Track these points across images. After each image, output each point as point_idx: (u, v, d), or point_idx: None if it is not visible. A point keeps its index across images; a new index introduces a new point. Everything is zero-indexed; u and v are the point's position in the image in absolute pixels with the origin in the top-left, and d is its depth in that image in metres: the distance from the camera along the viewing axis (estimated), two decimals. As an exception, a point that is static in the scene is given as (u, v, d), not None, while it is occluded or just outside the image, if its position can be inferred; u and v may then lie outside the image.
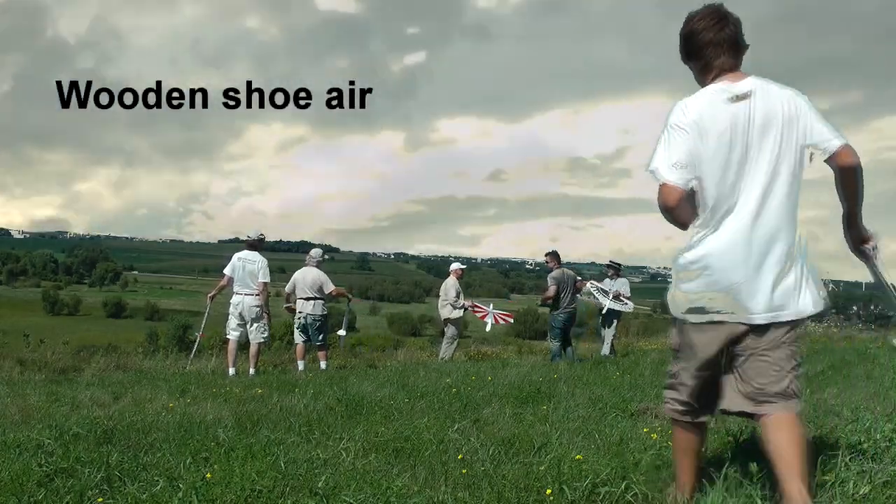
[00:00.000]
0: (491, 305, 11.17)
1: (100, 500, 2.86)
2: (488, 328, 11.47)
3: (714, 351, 2.33)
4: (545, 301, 9.53)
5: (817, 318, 8.16)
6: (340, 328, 10.07)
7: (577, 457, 3.13)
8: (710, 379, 2.40)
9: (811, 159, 2.29)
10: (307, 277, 8.73)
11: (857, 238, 2.43)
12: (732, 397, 2.38)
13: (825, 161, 2.28)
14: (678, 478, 2.55)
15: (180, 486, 2.95)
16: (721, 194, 2.27)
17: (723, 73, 2.34)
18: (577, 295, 9.80)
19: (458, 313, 10.50)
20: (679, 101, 2.36)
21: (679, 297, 2.38)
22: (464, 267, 11.12)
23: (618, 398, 4.81)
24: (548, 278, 9.67)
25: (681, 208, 2.31)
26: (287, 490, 2.91)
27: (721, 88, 2.31)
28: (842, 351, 9.07)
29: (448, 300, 10.50)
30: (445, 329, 10.60)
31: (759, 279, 2.24)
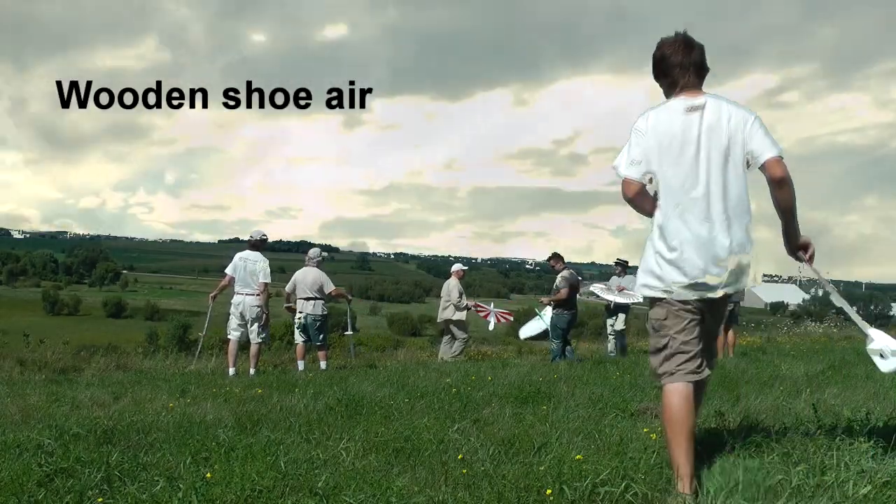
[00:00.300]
0: (492, 304, 11.19)
1: (100, 500, 2.86)
2: (491, 327, 11.47)
3: (695, 323, 2.76)
4: (556, 302, 9.51)
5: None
6: (347, 329, 10.07)
7: (577, 457, 3.13)
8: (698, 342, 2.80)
9: (748, 166, 2.68)
10: (307, 277, 8.73)
11: (794, 246, 2.80)
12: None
13: (759, 169, 2.66)
14: (679, 468, 2.66)
15: (180, 486, 2.95)
16: (678, 188, 2.69)
17: (685, 90, 2.75)
18: (577, 295, 9.84)
19: (462, 314, 10.52)
20: (647, 110, 2.80)
21: (651, 276, 2.81)
22: (465, 268, 11.16)
23: (618, 398, 4.81)
24: (559, 279, 9.62)
25: (640, 199, 2.77)
26: (287, 490, 2.91)
27: (681, 101, 2.73)
28: (842, 351, 9.07)
29: (451, 301, 10.52)
30: (451, 330, 10.62)
31: (717, 258, 2.67)
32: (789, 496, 2.71)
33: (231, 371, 8.00)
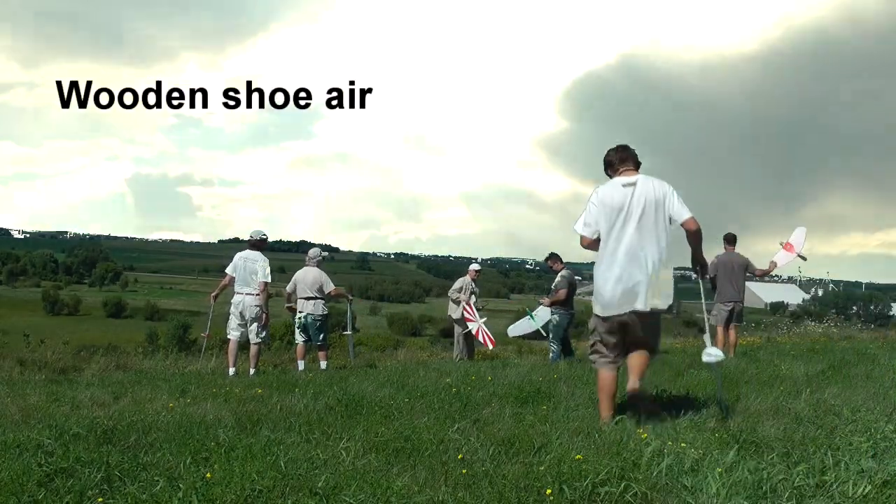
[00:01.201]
0: (483, 320, 10.58)
1: (100, 500, 2.86)
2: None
3: (616, 333, 4.03)
4: (555, 303, 9.40)
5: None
6: (346, 329, 10.04)
7: (577, 457, 3.14)
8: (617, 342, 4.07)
9: (671, 222, 3.92)
10: (307, 277, 8.73)
11: (699, 264, 4.17)
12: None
13: (680, 225, 3.92)
14: (602, 413, 4.07)
15: (180, 486, 2.95)
16: (613, 242, 3.92)
17: (623, 172, 4.04)
18: (575, 295, 9.79)
19: (459, 310, 10.53)
20: (598, 186, 4.05)
21: (595, 301, 4.09)
22: (479, 269, 11.18)
23: (618, 398, 4.81)
24: (558, 279, 9.46)
25: (590, 247, 4.06)
26: (287, 490, 2.91)
27: (620, 179, 4.01)
28: (842, 351, 9.07)
29: (450, 296, 10.56)
30: (457, 329, 10.62)
31: (638, 289, 3.88)
32: (789, 496, 2.71)
33: (231, 371, 8.00)
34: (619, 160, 4.04)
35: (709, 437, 3.56)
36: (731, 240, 8.83)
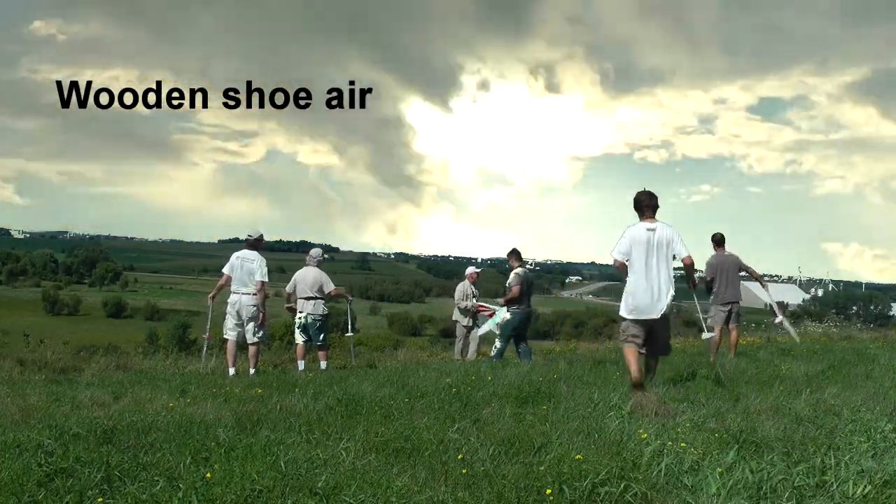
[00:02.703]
0: (504, 310, 10.49)
1: (100, 500, 2.86)
2: (493, 323, 10.77)
3: (641, 329, 5.44)
4: (508, 302, 9.10)
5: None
6: (348, 330, 10.01)
7: (577, 457, 3.14)
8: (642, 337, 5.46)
9: (674, 258, 5.44)
10: (308, 277, 8.72)
11: (689, 281, 6.10)
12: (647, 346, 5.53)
13: (681, 260, 5.46)
14: (632, 369, 5.28)
15: (180, 486, 2.95)
16: (639, 267, 5.40)
17: (647, 218, 5.50)
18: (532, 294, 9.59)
19: (467, 318, 10.54)
20: (630, 226, 5.51)
21: (623, 307, 5.54)
22: (478, 271, 11.14)
23: (618, 398, 4.81)
24: (512, 276, 9.22)
25: (622, 270, 5.55)
26: (287, 490, 2.91)
27: (645, 224, 5.47)
28: (842, 351, 9.07)
29: (456, 304, 10.57)
30: (459, 329, 10.63)
31: (655, 301, 5.36)
32: (789, 496, 2.71)
33: (231, 371, 7.98)
34: (647, 206, 5.51)
35: (709, 437, 3.56)
36: (719, 241, 8.86)
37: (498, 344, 9.26)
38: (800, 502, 2.68)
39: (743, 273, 9.00)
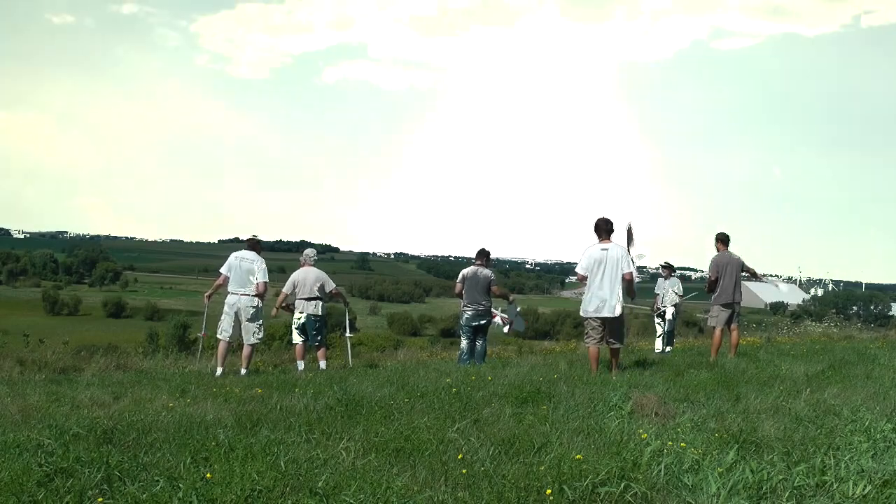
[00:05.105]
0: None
1: (100, 500, 2.86)
2: (506, 328, 10.66)
3: (600, 325, 6.87)
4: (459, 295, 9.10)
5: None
6: (347, 331, 10.00)
7: (577, 457, 3.14)
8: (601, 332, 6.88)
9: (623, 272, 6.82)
10: (309, 277, 8.72)
11: (630, 294, 7.07)
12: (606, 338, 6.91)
13: (622, 276, 6.79)
14: (592, 368, 6.77)
15: (180, 486, 2.95)
16: (594, 278, 6.85)
17: (603, 240, 6.92)
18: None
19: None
20: (588, 247, 6.95)
21: (583, 310, 7.01)
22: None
23: (618, 398, 4.81)
24: (460, 275, 9.22)
25: (581, 280, 7.05)
26: (287, 490, 2.91)
27: (601, 244, 6.91)
28: (842, 351, 9.07)
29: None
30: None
31: (607, 303, 6.80)
32: (789, 496, 2.71)
33: (219, 371, 7.93)
34: (604, 231, 6.92)
35: (709, 437, 3.56)
36: (724, 240, 8.85)
37: (462, 344, 9.18)
38: (800, 502, 2.68)
39: (744, 273, 9.03)
